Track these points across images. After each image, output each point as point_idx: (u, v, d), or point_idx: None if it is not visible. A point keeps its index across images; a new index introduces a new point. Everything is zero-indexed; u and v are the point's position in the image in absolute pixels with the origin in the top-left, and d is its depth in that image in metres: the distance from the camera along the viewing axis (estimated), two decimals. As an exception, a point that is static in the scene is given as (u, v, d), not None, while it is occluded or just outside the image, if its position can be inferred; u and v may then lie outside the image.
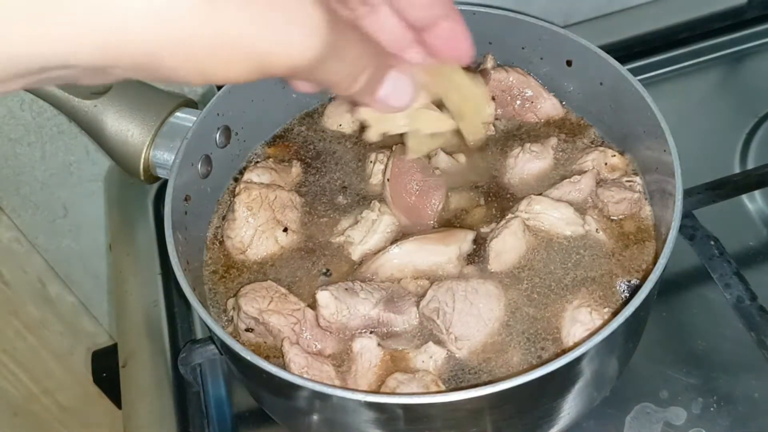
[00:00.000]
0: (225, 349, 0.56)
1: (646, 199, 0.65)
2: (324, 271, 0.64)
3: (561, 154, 0.70)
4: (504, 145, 0.71)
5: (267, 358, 0.59)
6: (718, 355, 0.68)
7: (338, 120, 0.74)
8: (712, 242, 0.71)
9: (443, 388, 0.56)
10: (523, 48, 0.72)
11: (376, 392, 0.56)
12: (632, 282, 0.61)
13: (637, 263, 0.62)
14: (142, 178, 0.70)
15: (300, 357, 0.57)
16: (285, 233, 0.66)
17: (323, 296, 0.58)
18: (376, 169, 0.69)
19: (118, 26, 0.29)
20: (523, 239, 0.62)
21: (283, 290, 0.61)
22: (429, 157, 0.67)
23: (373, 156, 0.70)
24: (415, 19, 0.43)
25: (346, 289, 0.59)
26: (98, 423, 1.27)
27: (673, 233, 0.54)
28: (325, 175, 0.71)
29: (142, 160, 0.69)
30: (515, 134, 0.72)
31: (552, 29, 0.69)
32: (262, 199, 0.65)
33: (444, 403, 0.49)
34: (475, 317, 0.58)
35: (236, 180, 0.70)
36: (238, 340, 0.54)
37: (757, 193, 0.79)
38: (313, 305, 0.59)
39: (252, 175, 0.68)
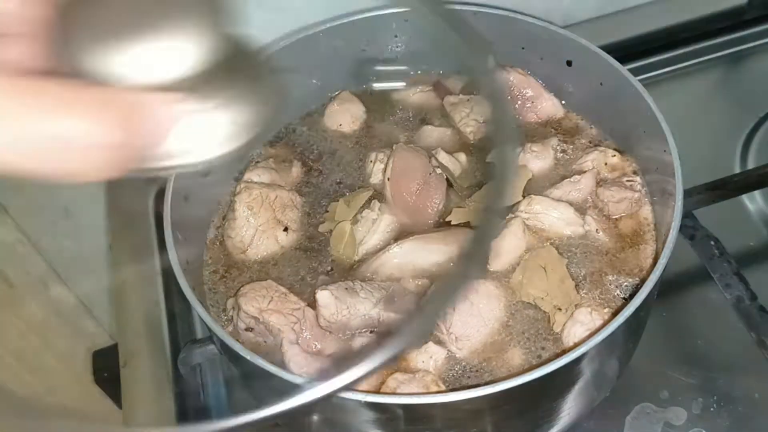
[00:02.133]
0: (225, 348, 0.56)
1: (646, 199, 0.65)
2: (324, 270, 0.64)
3: (561, 154, 0.70)
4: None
5: (266, 355, 0.59)
6: (718, 355, 0.68)
7: (338, 120, 0.74)
8: (713, 242, 0.71)
9: (443, 388, 0.56)
10: (523, 48, 0.72)
11: (376, 392, 0.56)
12: (632, 282, 0.61)
13: (637, 263, 0.62)
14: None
15: (300, 357, 0.57)
16: (285, 233, 0.66)
17: (323, 296, 0.58)
18: (377, 168, 0.69)
19: None
20: (523, 239, 0.62)
21: (283, 290, 0.61)
22: (429, 156, 0.67)
23: (373, 155, 0.70)
24: None
25: (347, 288, 0.59)
26: (99, 423, 1.26)
27: (673, 233, 0.54)
28: (325, 174, 0.71)
29: (142, 161, 0.68)
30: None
31: (552, 29, 0.69)
32: (262, 199, 0.65)
33: (444, 403, 0.49)
34: (475, 317, 0.58)
35: (237, 180, 0.70)
36: (237, 340, 0.54)
37: (757, 193, 0.79)
38: (313, 305, 0.60)
39: (252, 175, 0.68)
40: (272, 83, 0.37)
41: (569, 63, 0.70)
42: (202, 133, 0.33)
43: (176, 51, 0.31)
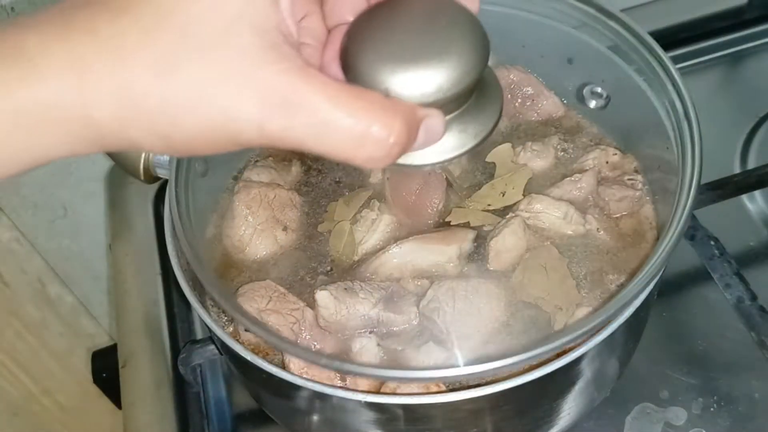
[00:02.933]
0: (225, 349, 0.56)
1: (647, 197, 0.65)
2: (323, 270, 0.64)
3: (562, 152, 0.69)
4: (504, 144, 0.70)
5: (266, 355, 0.59)
6: (718, 355, 0.68)
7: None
8: (713, 242, 0.71)
9: (443, 388, 0.56)
10: (523, 46, 0.72)
11: (376, 392, 0.55)
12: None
13: (637, 263, 0.62)
14: (142, 178, 0.70)
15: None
16: (284, 232, 0.66)
17: (322, 296, 0.58)
18: (376, 168, 0.69)
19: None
20: (523, 238, 0.62)
21: (282, 290, 0.61)
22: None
23: (373, 155, 0.70)
24: None
25: (346, 288, 0.59)
26: (98, 423, 1.26)
27: (673, 233, 0.54)
28: (325, 174, 0.71)
29: (141, 160, 0.68)
30: (516, 133, 0.72)
31: (553, 27, 0.68)
32: (261, 198, 0.65)
33: (444, 403, 0.49)
34: (475, 317, 0.58)
35: (236, 179, 0.70)
36: (237, 340, 0.54)
37: (757, 193, 0.79)
38: (312, 305, 0.59)
39: (251, 174, 0.68)
40: (493, 97, 0.45)
41: (570, 61, 0.69)
42: (443, 140, 0.41)
43: (442, 76, 0.38)
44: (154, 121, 0.34)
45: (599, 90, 0.69)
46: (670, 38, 0.95)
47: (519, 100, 0.72)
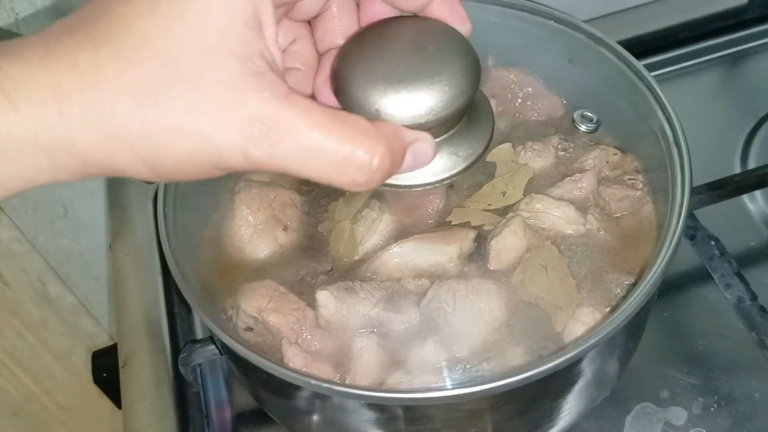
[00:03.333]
0: (225, 349, 0.56)
1: (648, 197, 0.65)
2: (324, 270, 0.64)
3: (562, 152, 0.69)
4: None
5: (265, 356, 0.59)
6: (718, 355, 0.68)
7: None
8: (713, 242, 0.71)
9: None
10: (523, 46, 0.72)
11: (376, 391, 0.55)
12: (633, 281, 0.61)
13: (637, 263, 0.62)
14: (142, 177, 0.70)
15: (299, 357, 0.57)
16: (285, 232, 0.66)
17: (323, 296, 0.58)
18: (377, 168, 0.68)
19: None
20: (523, 238, 0.62)
21: (283, 289, 0.61)
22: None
23: (373, 155, 0.70)
24: (409, 8, 0.43)
25: (346, 288, 0.59)
26: (98, 423, 1.26)
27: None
28: (325, 174, 0.71)
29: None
30: (516, 133, 0.72)
31: (553, 26, 0.68)
32: (261, 198, 0.65)
33: (444, 403, 0.49)
34: (476, 317, 0.58)
35: (236, 178, 0.70)
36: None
37: (757, 193, 0.79)
38: (312, 304, 0.59)
39: (252, 174, 0.68)
40: (485, 119, 0.45)
41: (570, 61, 0.69)
42: (433, 162, 0.40)
43: (433, 98, 0.38)
44: (137, 148, 0.34)
45: (590, 114, 0.69)
46: (670, 38, 0.95)
47: (519, 100, 0.72)
